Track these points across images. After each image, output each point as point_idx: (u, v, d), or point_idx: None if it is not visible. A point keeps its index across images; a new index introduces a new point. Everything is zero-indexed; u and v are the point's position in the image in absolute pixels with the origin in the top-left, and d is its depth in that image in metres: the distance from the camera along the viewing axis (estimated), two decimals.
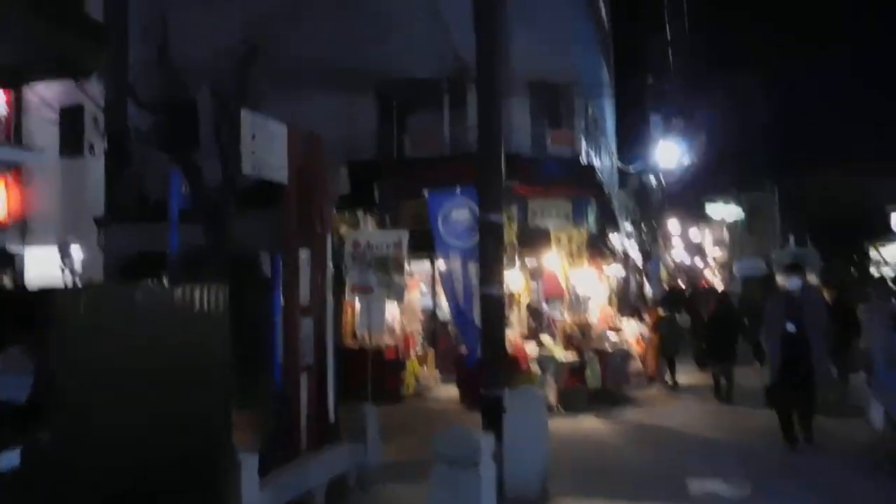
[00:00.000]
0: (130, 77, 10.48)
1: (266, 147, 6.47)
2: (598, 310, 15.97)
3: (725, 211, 45.98)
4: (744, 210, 45.77)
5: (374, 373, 13.49)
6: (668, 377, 14.96)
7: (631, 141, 31.27)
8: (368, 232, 8.57)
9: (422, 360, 14.37)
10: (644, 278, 27.54)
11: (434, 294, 15.81)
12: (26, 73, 5.05)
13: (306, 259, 7.09)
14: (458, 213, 7.56)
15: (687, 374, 15.70)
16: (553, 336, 14.15)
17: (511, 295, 14.03)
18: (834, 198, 39.60)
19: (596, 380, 13.14)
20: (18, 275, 17.07)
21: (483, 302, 7.22)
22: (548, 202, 15.49)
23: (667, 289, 33.35)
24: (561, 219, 15.46)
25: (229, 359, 5.25)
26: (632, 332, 16.25)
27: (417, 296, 14.96)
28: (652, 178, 27.92)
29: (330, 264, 7.93)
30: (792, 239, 36.11)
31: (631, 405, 13.23)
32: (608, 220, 21.77)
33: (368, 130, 16.31)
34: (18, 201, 17.75)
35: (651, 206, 30.72)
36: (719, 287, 45.79)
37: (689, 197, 51.14)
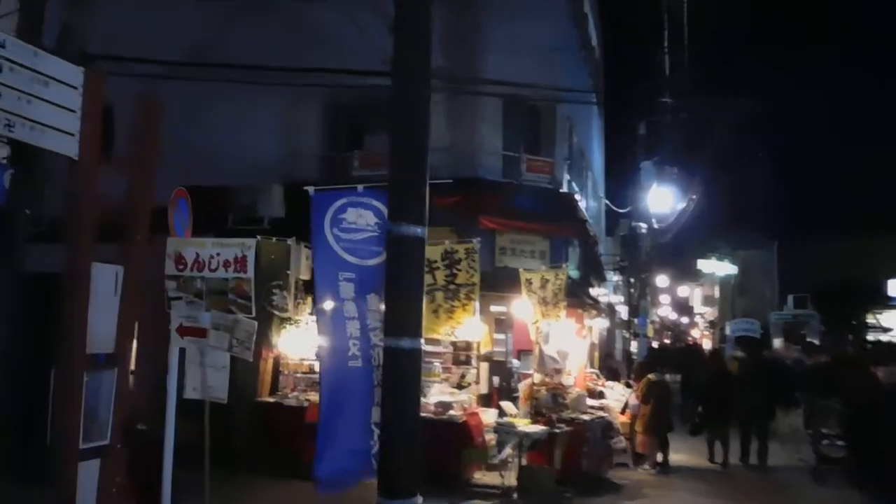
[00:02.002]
0: None
1: (32, 94, 3.98)
2: (576, 370, 13.36)
3: (717, 267, 43.75)
4: (738, 268, 43.59)
5: (292, 440, 10.86)
6: (658, 456, 12.32)
7: (621, 186, 29.15)
8: (196, 241, 5.65)
9: None
10: (630, 335, 24.97)
11: None
12: None
13: (112, 281, 4.54)
14: (356, 215, 4.88)
15: (678, 450, 13.11)
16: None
17: (467, 346, 11.46)
18: (833, 261, 38.31)
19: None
20: None
21: (388, 359, 4.65)
22: (520, 238, 13.01)
23: (653, 346, 30.89)
24: (535, 259, 12.96)
25: None
26: (616, 399, 13.67)
27: None
28: (643, 227, 25.56)
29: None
30: (791, 300, 33.91)
31: (611, 494, 10.60)
32: (592, 268, 19.30)
33: (312, 147, 13.86)
34: None
35: (640, 257, 28.34)
36: (706, 346, 43.58)
37: (679, 252, 49.23)
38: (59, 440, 4.22)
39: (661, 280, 42.80)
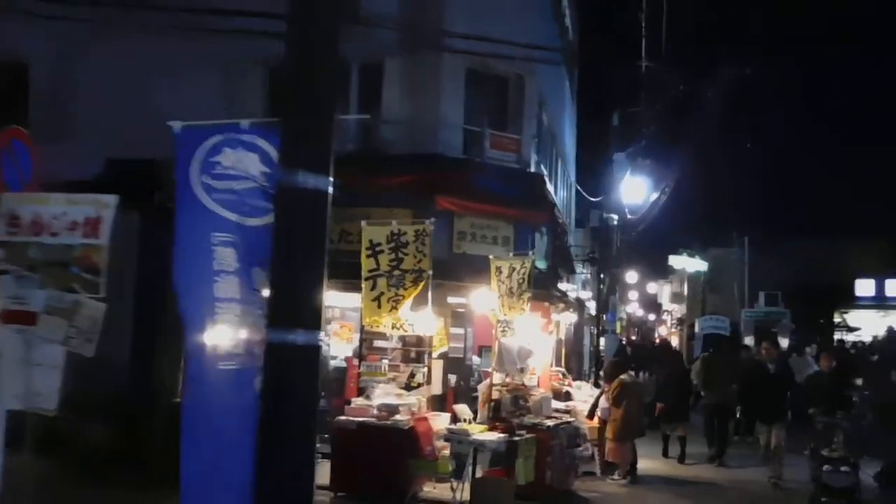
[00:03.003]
0: None
1: None
2: (541, 369, 12.13)
3: (689, 263, 42.87)
4: (708, 265, 42.80)
5: None
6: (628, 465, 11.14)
7: (593, 177, 28.11)
8: (37, 197, 4.09)
9: None
10: (599, 332, 23.84)
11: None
12: None
13: None
14: (235, 159, 3.44)
15: (647, 455, 12.07)
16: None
17: (419, 342, 10.17)
18: (803, 260, 38.08)
19: (529, 471, 9.27)
20: None
21: (272, 359, 3.30)
22: (482, 222, 11.72)
23: (624, 343, 29.86)
24: (498, 246, 11.67)
25: None
26: (583, 400, 12.47)
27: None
28: (614, 218, 24.47)
29: None
30: (762, 297, 33.13)
31: None
32: (561, 260, 18.12)
33: (255, 115, 12.37)
34: None
35: (611, 250, 27.29)
36: (674, 343, 42.81)
37: (650, 248, 48.42)
38: None
39: (631, 276, 42.01)
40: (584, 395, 12.90)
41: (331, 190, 3.48)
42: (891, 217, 42.93)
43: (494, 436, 8.89)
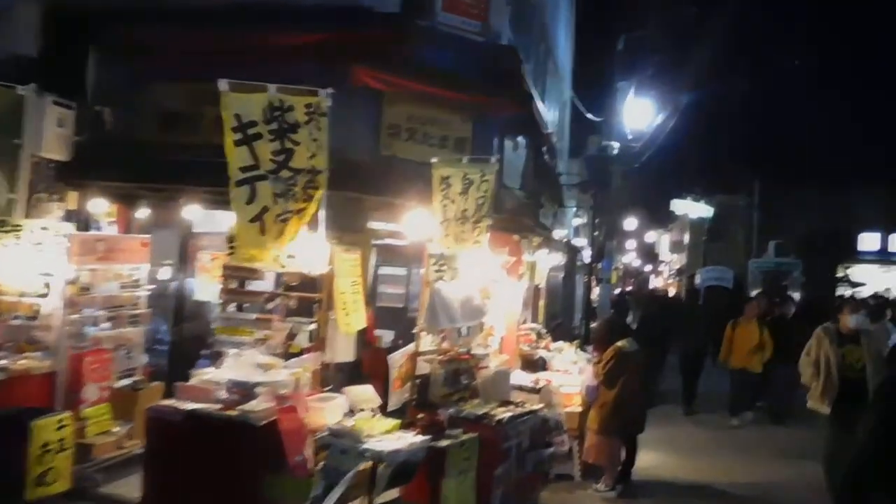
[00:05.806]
0: None
1: None
2: (505, 326, 8.68)
3: (693, 209, 39.45)
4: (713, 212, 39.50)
5: None
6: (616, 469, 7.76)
7: (593, 106, 24.62)
8: None
9: (118, 407, 6.86)
10: (590, 281, 20.36)
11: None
12: None
13: None
14: None
15: (647, 444, 8.78)
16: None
17: (309, 283, 6.65)
18: (810, 210, 35.44)
19: (466, 493, 5.87)
20: None
21: None
22: (425, 114, 8.10)
23: (619, 293, 26.68)
24: (447, 150, 8.08)
25: None
26: (564, 370, 9.10)
27: (124, 271, 7.39)
28: (615, 147, 20.85)
29: None
30: (772, 247, 29.94)
31: None
32: (547, 186, 14.55)
33: None
34: None
35: (610, 188, 23.73)
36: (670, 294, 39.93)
37: (651, 192, 45.01)
38: None
39: (629, 223, 38.73)
40: (564, 362, 9.52)
41: None
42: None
43: (407, 438, 5.44)
